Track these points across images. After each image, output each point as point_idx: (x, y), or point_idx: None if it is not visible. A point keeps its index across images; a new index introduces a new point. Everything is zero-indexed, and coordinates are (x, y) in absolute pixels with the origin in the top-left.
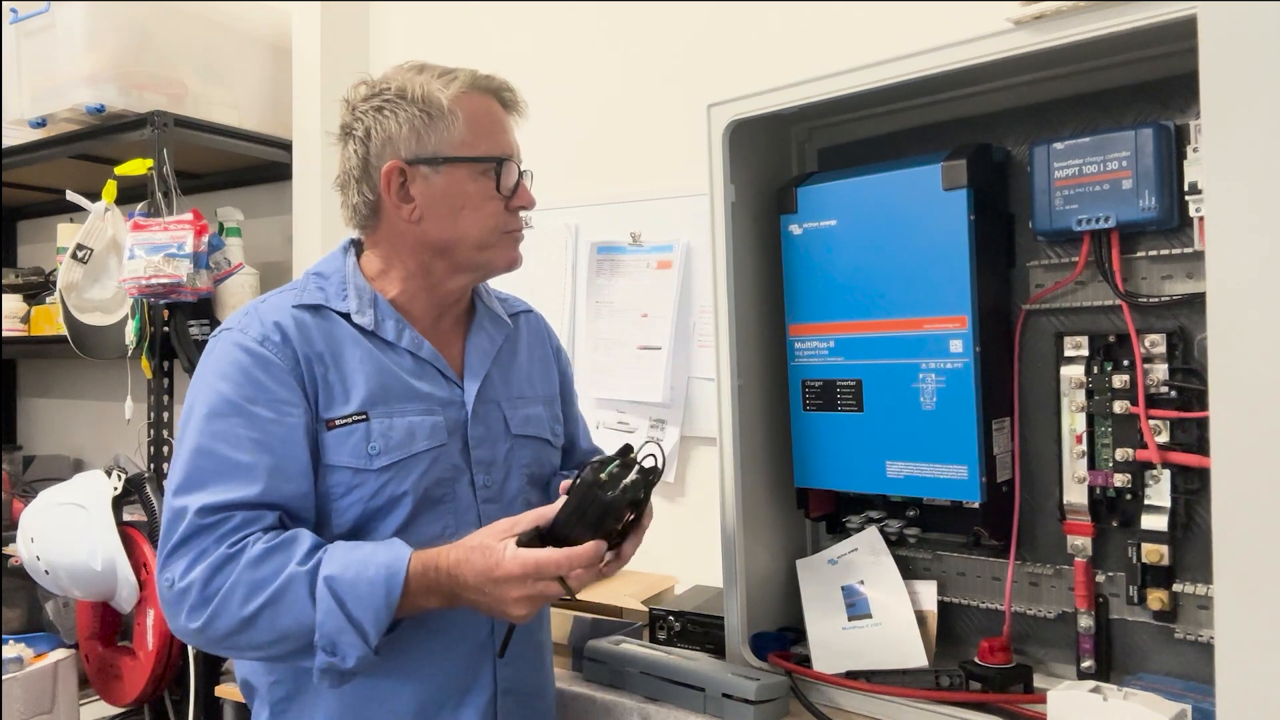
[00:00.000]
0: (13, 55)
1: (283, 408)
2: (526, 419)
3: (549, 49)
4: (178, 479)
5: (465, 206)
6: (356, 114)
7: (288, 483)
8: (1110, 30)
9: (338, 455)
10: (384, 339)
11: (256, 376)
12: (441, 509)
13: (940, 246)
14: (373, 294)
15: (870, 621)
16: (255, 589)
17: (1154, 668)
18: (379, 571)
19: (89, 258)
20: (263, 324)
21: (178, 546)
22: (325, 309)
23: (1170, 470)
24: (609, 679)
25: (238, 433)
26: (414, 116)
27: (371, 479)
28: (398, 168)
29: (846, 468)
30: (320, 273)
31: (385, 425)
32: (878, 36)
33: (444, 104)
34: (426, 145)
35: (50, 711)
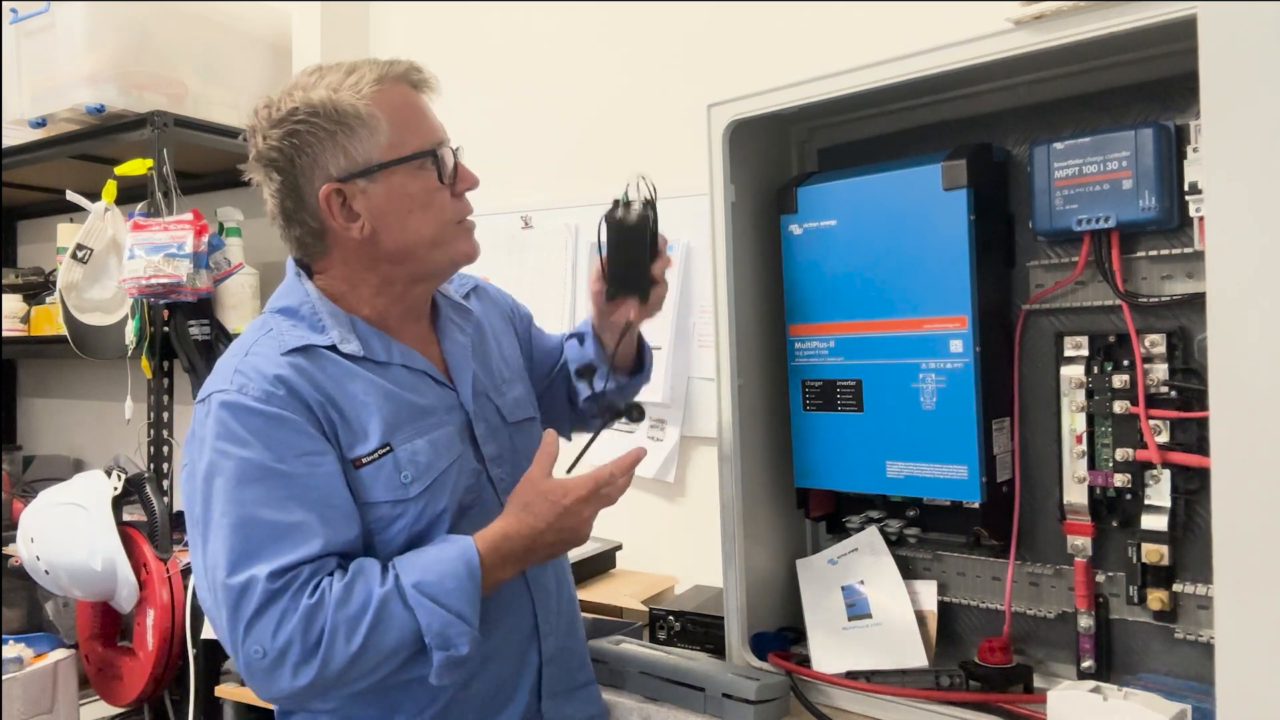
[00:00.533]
0: (13, 55)
1: (312, 459)
2: (516, 403)
3: (549, 49)
4: (226, 558)
5: (413, 208)
6: (269, 143)
7: (343, 530)
8: (1110, 30)
9: (372, 492)
10: (375, 360)
11: (275, 436)
12: (473, 514)
13: (940, 246)
14: (348, 317)
15: (870, 621)
16: (354, 623)
17: (1154, 668)
18: (455, 564)
19: (89, 258)
20: (261, 379)
21: (256, 616)
22: (313, 349)
23: (1170, 470)
24: (609, 679)
25: (277, 495)
26: (334, 132)
27: (411, 507)
28: (333, 190)
29: (846, 468)
30: (287, 309)
31: (410, 451)
32: (878, 36)
33: (359, 109)
34: (356, 158)
35: (50, 711)
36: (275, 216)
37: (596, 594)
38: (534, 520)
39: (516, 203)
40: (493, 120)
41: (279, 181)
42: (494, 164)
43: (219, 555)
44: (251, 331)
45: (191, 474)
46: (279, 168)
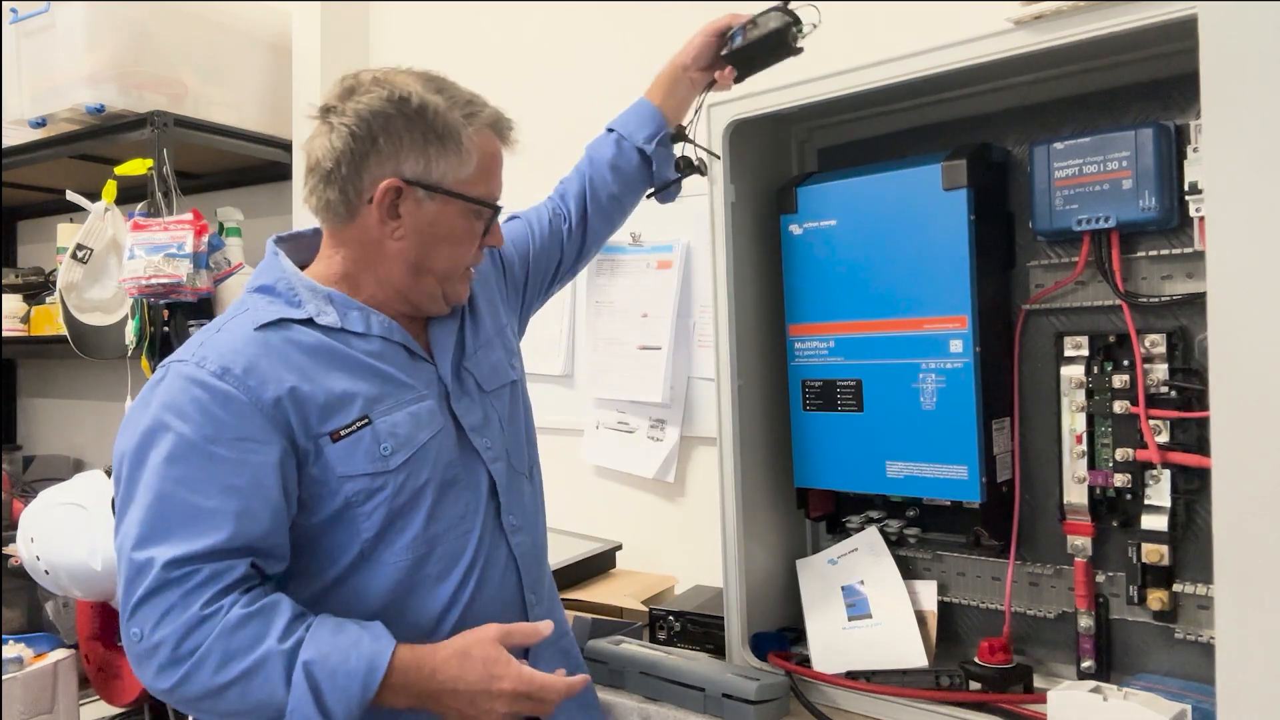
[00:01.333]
0: (13, 55)
1: (248, 445)
2: (492, 370)
3: (549, 49)
4: (137, 530)
5: (446, 239)
6: (364, 105)
7: (256, 526)
8: (1110, 30)
9: (350, 465)
10: (352, 332)
11: (216, 414)
12: (459, 488)
13: (940, 246)
14: (326, 291)
15: (870, 621)
16: (229, 659)
17: (1154, 668)
18: (359, 663)
19: (89, 258)
20: (221, 355)
21: (144, 600)
22: (286, 322)
23: (1170, 470)
24: (609, 679)
25: (199, 476)
26: (429, 140)
27: (391, 479)
28: (395, 186)
29: (846, 468)
30: (264, 286)
31: (390, 424)
32: (878, 36)
33: (461, 137)
34: (431, 173)
35: (50, 711)
36: (316, 170)
37: (596, 594)
38: (460, 673)
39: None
40: None
41: (349, 145)
42: None
43: (132, 526)
44: (230, 310)
45: (129, 436)
46: (358, 134)
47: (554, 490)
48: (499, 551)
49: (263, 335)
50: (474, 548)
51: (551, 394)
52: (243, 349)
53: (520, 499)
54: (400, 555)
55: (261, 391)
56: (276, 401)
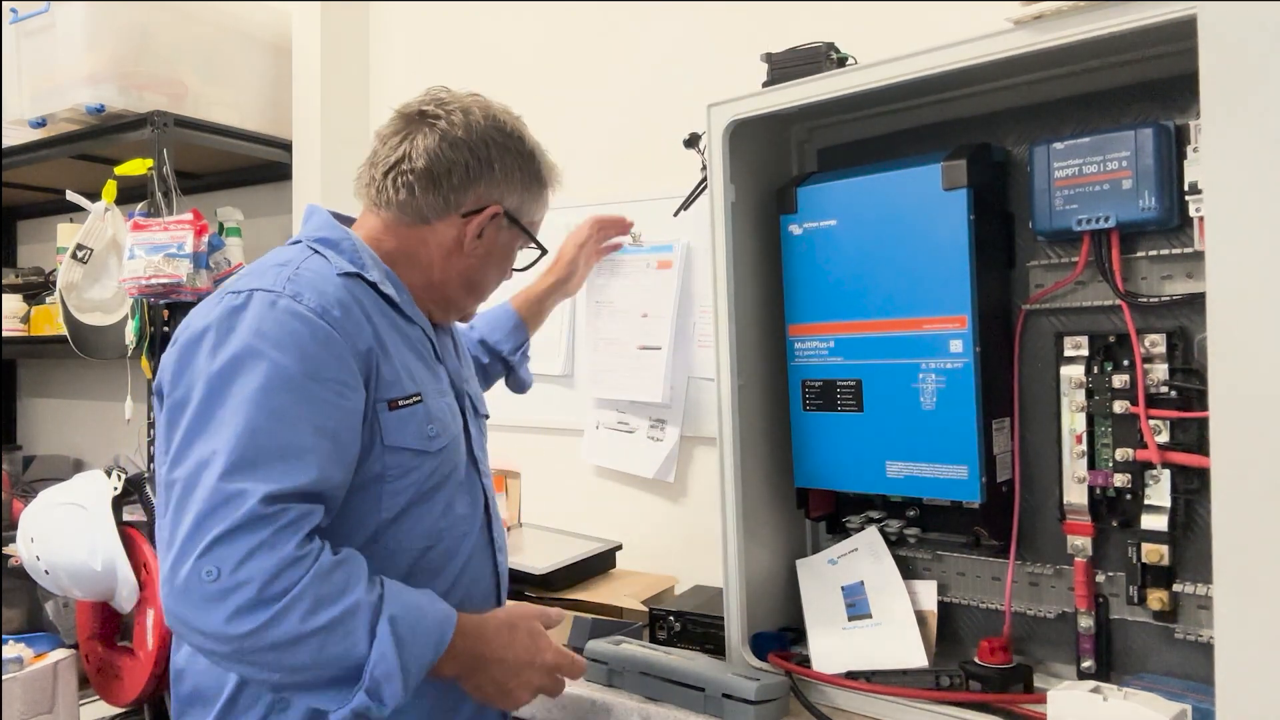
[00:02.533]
0: (13, 55)
1: (344, 390)
2: (480, 399)
3: (549, 49)
4: (228, 456)
5: (500, 265)
6: (481, 134)
7: (337, 472)
8: (1110, 30)
9: (400, 437)
10: (404, 314)
11: (316, 351)
12: (469, 488)
13: (940, 246)
14: (386, 267)
15: (870, 621)
16: (320, 604)
17: (1154, 668)
18: (433, 623)
19: (89, 258)
20: (319, 294)
21: (230, 534)
22: (362, 280)
23: (1170, 470)
24: (609, 679)
25: (296, 411)
26: (531, 181)
27: (429, 461)
28: (500, 213)
29: (846, 468)
30: (327, 239)
31: (437, 406)
32: (878, 36)
33: (550, 186)
34: (523, 208)
35: (50, 711)
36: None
37: (596, 594)
38: (509, 642)
39: None
40: None
41: (466, 159)
42: None
43: (219, 453)
44: (294, 252)
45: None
46: (478, 153)
47: (554, 490)
48: (486, 561)
49: (346, 282)
50: (469, 551)
51: (551, 394)
52: (334, 292)
53: (499, 524)
54: (412, 543)
55: (357, 338)
56: (368, 351)
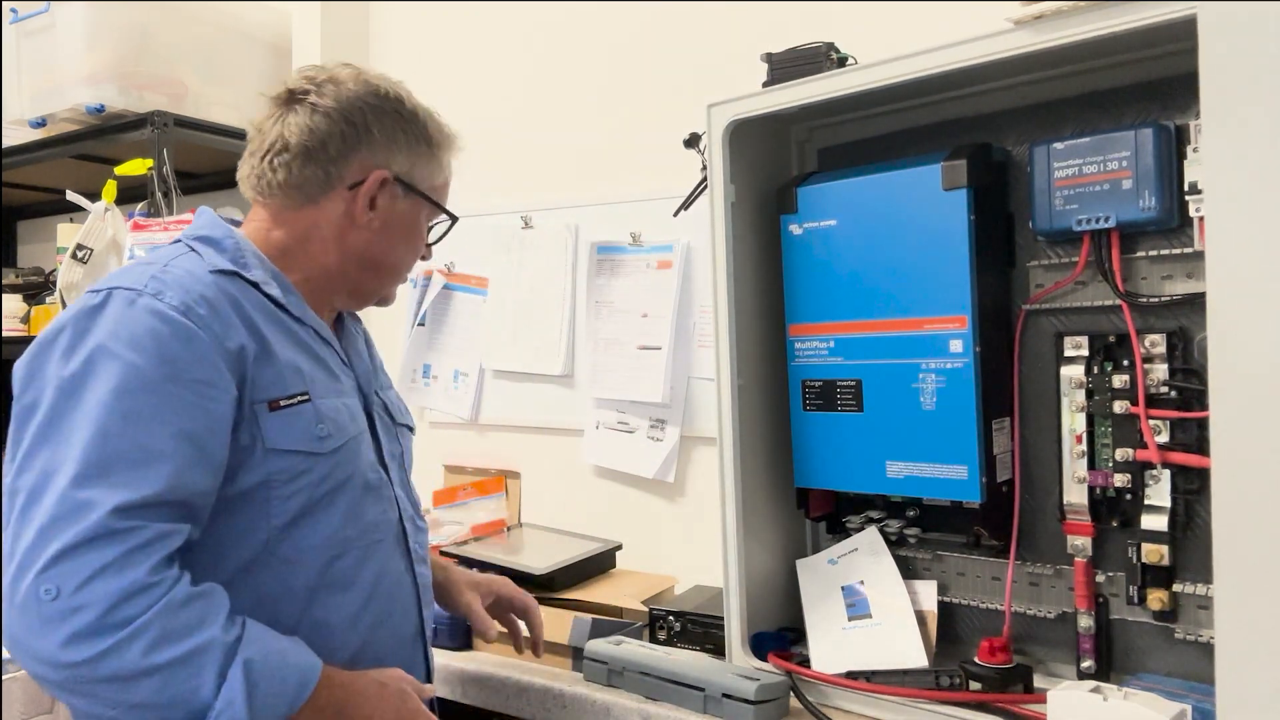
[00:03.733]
0: (13, 55)
1: (208, 390)
2: (400, 408)
3: (549, 49)
4: (77, 464)
5: (405, 240)
6: (354, 102)
7: (201, 479)
8: (1110, 30)
9: (285, 439)
10: (291, 314)
11: (176, 351)
12: (376, 494)
13: (940, 246)
14: (273, 267)
15: (870, 621)
16: (165, 639)
17: (1154, 668)
18: (294, 672)
19: (89, 258)
20: (182, 290)
21: (75, 549)
22: (240, 278)
23: (1170, 470)
24: (609, 679)
25: (154, 414)
26: (419, 142)
27: (321, 464)
28: (387, 178)
29: (846, 468)
30: (207, 238)
31: (329, 406)
32: (878, 36)
33: (442, 150)
34: (415, 173)
35: (50, 711)
36: (291, 149)
37: (596, 594)
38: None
39: (516, 203)
40: (493, 120)
41: (340, 129)
42: (494, 164)
43: (68, 460)
44: (167, 251)
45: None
46: (353, 121)
47: (554, 490)
48: (405, 574)
49: (220, 280)
50: (383, 559)
51: (551, 394)
52: (201, 289)
53: (422, 535)
54: (312, 555)
55: (225, 336)
56: (239, 350)
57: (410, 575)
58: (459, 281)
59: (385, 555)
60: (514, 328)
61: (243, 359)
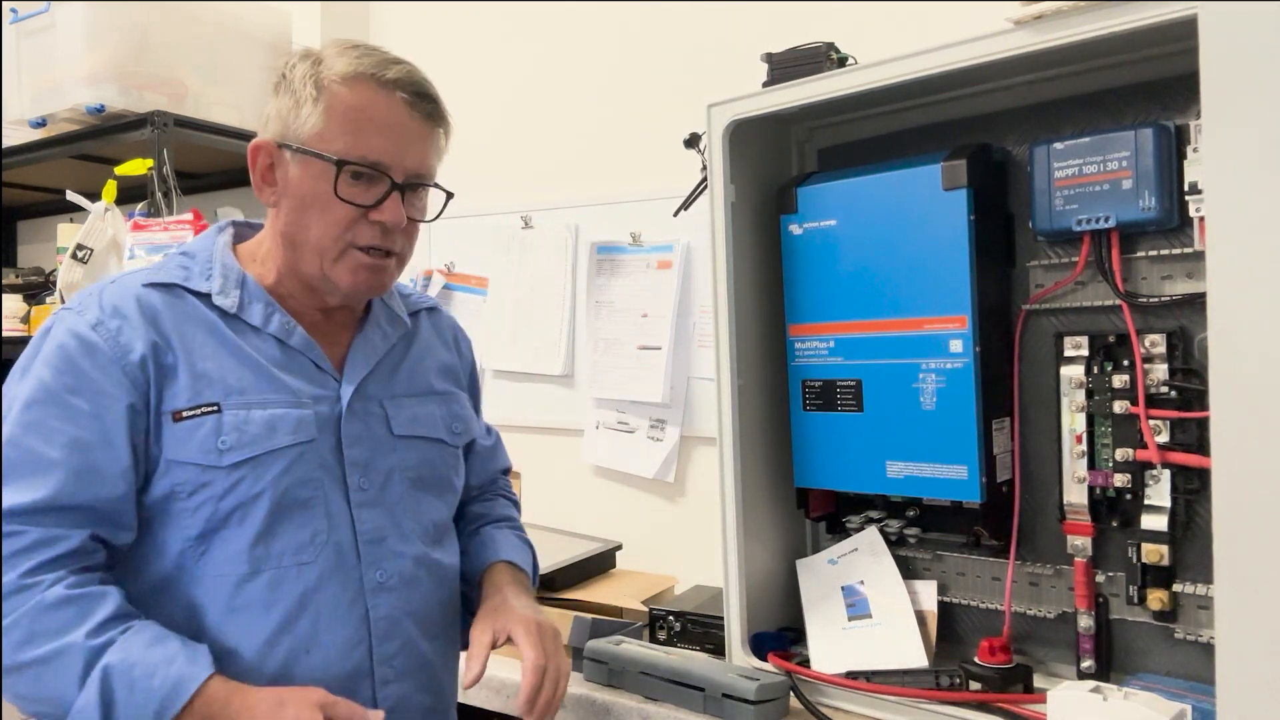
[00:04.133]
0: (13, 55)
1: (103, 400)
2: (414, 418)
3: (549, 49)
4: None
5: (311, 206)
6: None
7: (100, 486)
8: (1110, 30)
9: (183, 450)
10: (248, 323)
11: (79, 364)
12: (311, 513)
13: (940, 246)
14: (240, 275)
15: (870, 621)
16: (32, 639)
17: (1154, 668)
18: (164, 684)
19: (89, 258)
20: (101, 307)
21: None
22: (180, 289)
23: (1170, 470)
24: (609, 679)
25: (50, 424)
26: (286, 95)
27: (221, 477)
28: (263, 147)
29: (846, 468)
30: (187, 252)
31: (240, 418)
32: (878, 36)
33: (313, 90)
34: (288, 130)
35: None
36: None
37: (596, 594)
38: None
39: (516, 203)
40: (493, 120)
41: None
42: (494, 164)
43: None
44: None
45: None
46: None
47: (554, 490)
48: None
49: (148, 293)
50: (312, 586)
51: (551, 394)
52: (122, 303)
53: (400, 563)
54: (221, 569)
55: (129, 348)
56: (142, 361)
57: (360, 609)
58: (459, 281)
59: (316, 579)
60: (514, 328)
61: (145, 369)
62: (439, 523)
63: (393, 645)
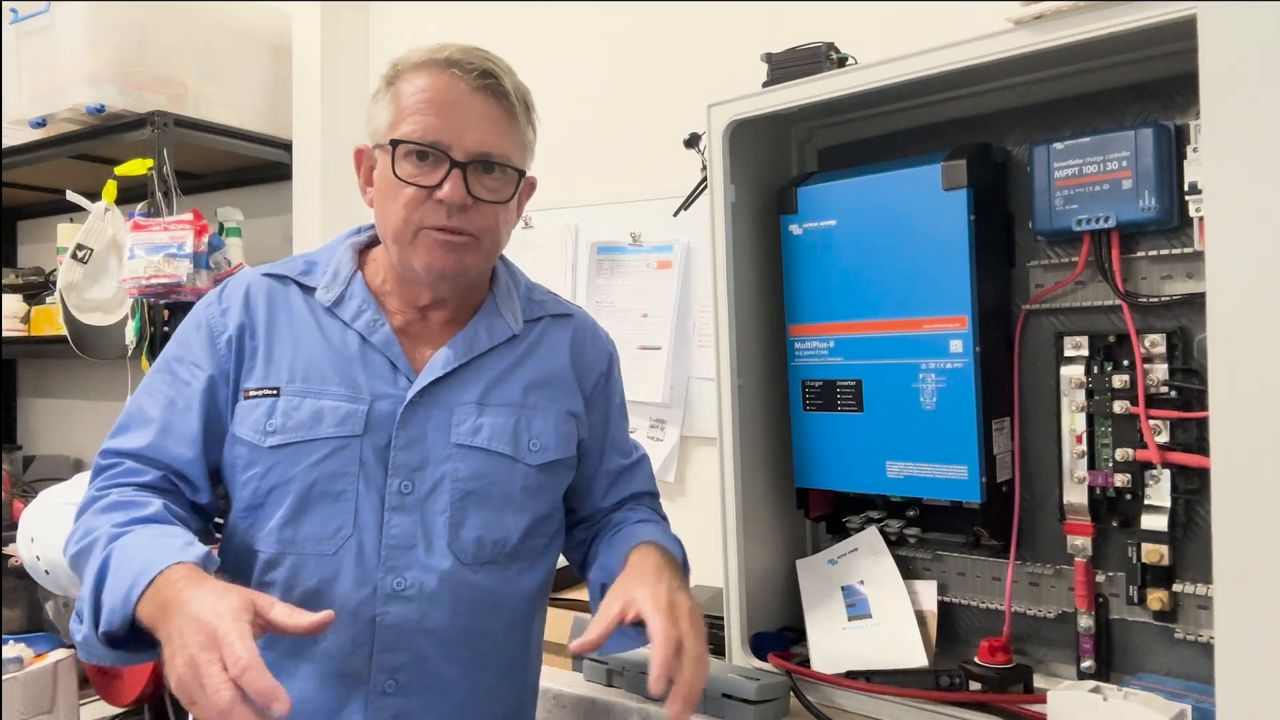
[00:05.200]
0: (13, 55)
1: (197, 371)
2: (478, 429)
3: (549, 49)
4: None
5: (387, 193)
6: None
7: (175, 445)
8: (1110, 30)
9: (241, 427)
10: (340, 318)
11: (189, 337)
12: (339, 507)
13: (940, 246)
14: (351, 272)
15: (870, 621)
16: (84, 535)
17: (1154, 668)
18: (142, 564)
19: (89, 258)
20: (222, 291)
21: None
22: (290, 280)
23: (1170, 470)
24: (609, 679)
25: (158, 386)
26: (374, 97)
27: (264, 457)
28: (359, 150)
29: (846, 468)
30: (322, 249)
31: (292, 404)
32: (878, 36)
33: (384, 86)
34: (377, 127)
35: (50, 711)
36: None
37: None
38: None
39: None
40: None
41: None
42: None
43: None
44: None
45: None
46: None
47: None
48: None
49: (260, 281)
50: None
51: None
52: (236, 288)
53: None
54: (256, 544)
55: (224, 327)
56: (229, 340)
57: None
58: None
59: (333, 572)
60: None
61: (231, 347)
62: (493, 541)
63: (398, 657)
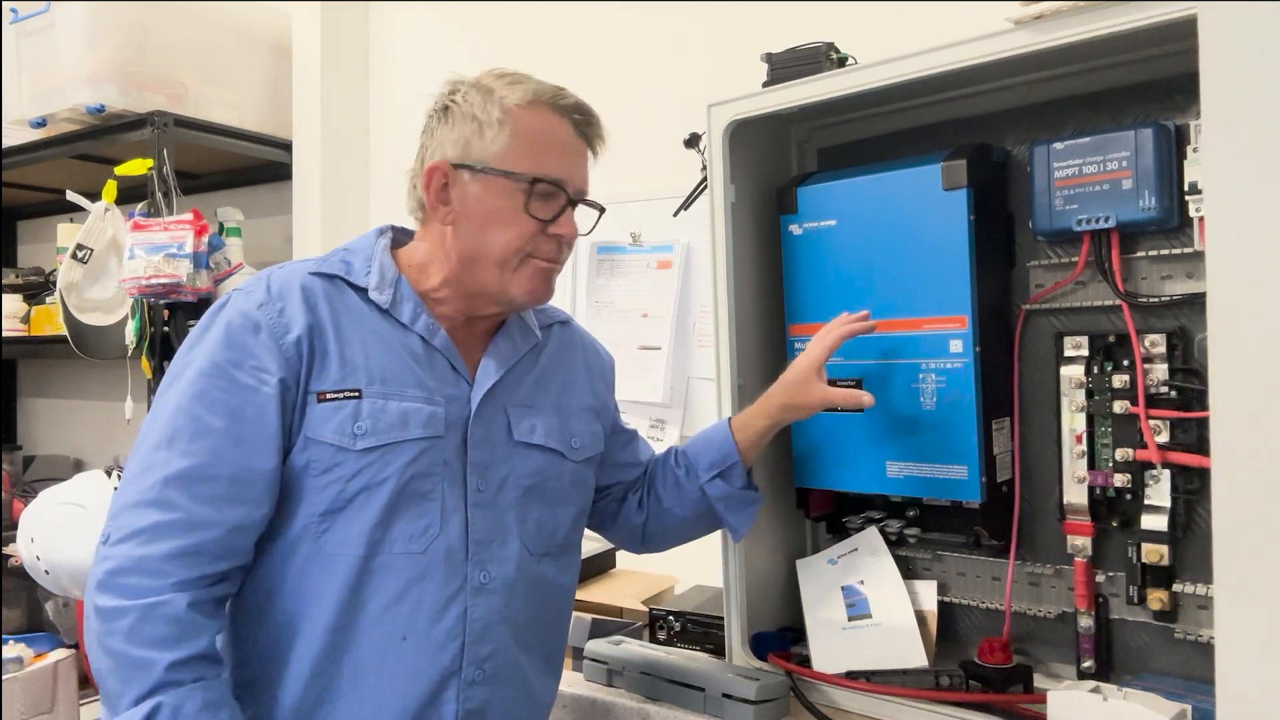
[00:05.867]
0: (13, 55)
1: (261, 375)
2: (533, 428)
3: (549, 49)
4: (160, 431)
5: (495, 222)
6: (432, 110)
7: (251, 455)
8: (1110, 30)
9: (322, 430)
10: (398, 320)
11: (244, 340)
12: (427, 505)
13: (940, 246)
14: (396, 275)
15: (870, 621)
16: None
17: (1154, 668)
18: None
19: (89, 258)
20: (268, 290)
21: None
22: (341, 280)
23: (1170, 470)
24: (609, 679)
25: (214, 395)
26: (467, 120)
27: (352, 459)
28: (440, 168)
29: (846, 468)
30: (349, 249)
31: (378, 406)
32: (878, 36)
33: (496, 113)
34: (470, 151)
35: (50, 711)
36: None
37: (596, 594)
38: None
39: None
40: None
41: (420, 143)
42: None
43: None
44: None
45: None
46: (424, 131)
47: None
48: (447, 598)
49: (312, 280)
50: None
51: None
52: (287, 287)
53: (503, 567)
54: (349, 546)
55: (287, 328)
56: (297, 341)
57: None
58: None
59: (423, 570)
60: None
61: (299, 349)
62: (550, 534)
63: (486, 648)
